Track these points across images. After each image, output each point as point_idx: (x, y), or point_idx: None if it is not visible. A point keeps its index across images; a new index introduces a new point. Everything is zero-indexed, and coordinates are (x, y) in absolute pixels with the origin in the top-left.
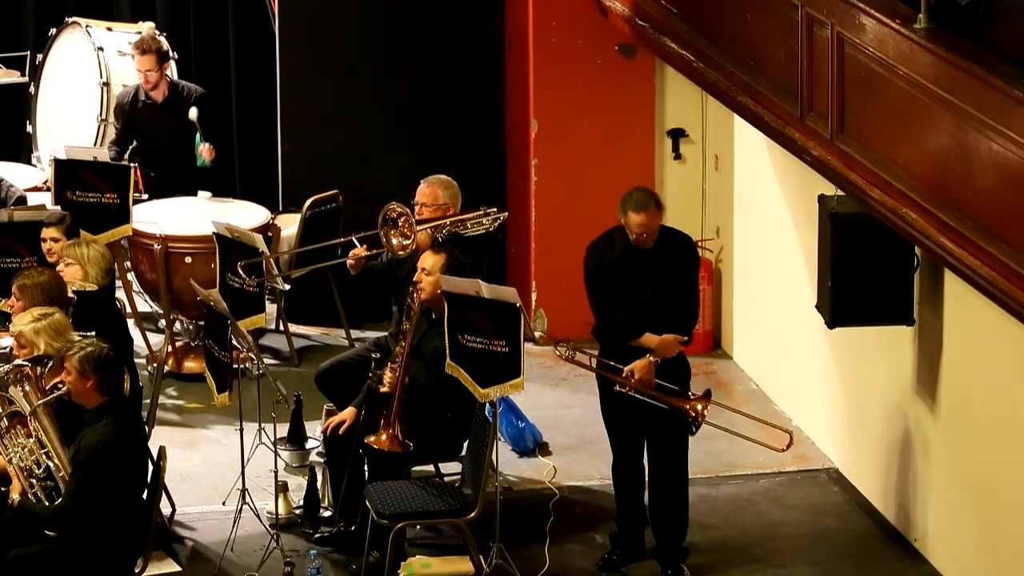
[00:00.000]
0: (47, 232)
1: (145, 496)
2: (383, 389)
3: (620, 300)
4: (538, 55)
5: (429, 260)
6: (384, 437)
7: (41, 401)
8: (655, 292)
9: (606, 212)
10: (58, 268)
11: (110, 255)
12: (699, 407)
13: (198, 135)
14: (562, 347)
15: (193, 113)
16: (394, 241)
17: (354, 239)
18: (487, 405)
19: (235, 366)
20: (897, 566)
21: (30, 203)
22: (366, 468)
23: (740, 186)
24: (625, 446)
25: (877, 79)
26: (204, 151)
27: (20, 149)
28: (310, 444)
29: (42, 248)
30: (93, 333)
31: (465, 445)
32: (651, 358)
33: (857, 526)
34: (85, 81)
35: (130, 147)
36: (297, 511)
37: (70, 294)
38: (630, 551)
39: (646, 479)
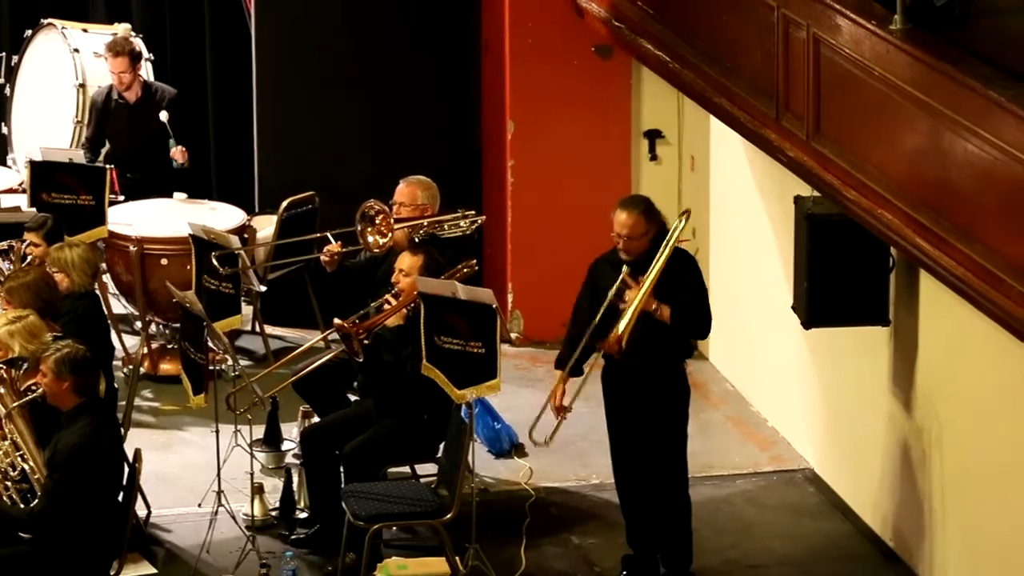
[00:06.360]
0: (28, 236)
1: (121, 498)
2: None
3: (591, 313)
4: (514, 56)
5: (407, 261)
6: (349, 325)
7: (16, 403)
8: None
9: (582, 214)
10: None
11: (95, 255)
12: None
13: (170, 139)
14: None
15: (164, 116)
16: (371, 239)
17: (329, 235)
18: (463, 406)
19: (210, 368)
20: (873, 567)
21: (5, 205)
22: (342, 470)
23: (716, 187)
24: (622, 450)
25: (853, 80)
26: (176, 153)
27: None
28: (286, 446)
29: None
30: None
31: (441, 446)
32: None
33: (833, 527)
34: (61, 83)
35: (102, 150)
36: (273, 513)
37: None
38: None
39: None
